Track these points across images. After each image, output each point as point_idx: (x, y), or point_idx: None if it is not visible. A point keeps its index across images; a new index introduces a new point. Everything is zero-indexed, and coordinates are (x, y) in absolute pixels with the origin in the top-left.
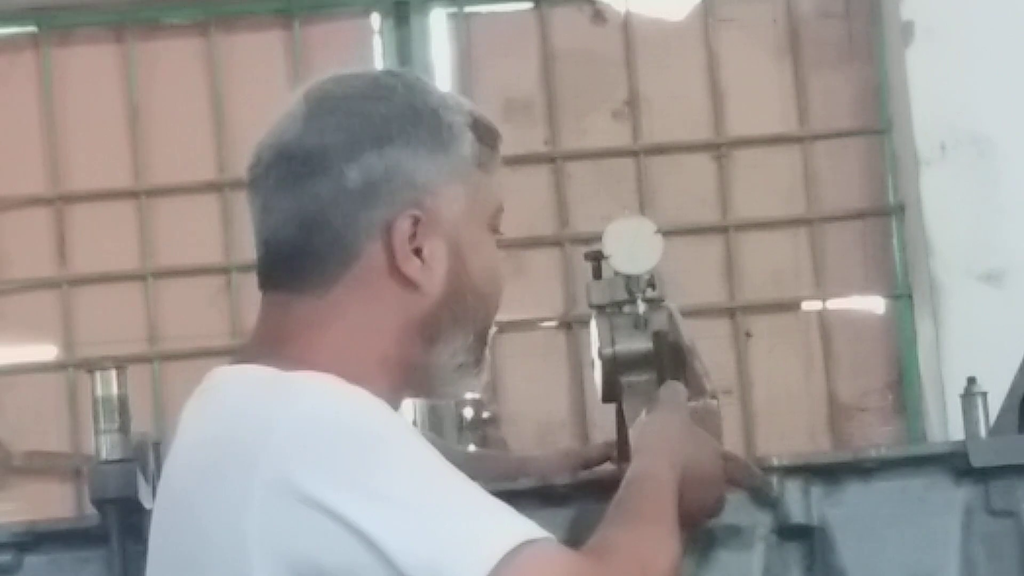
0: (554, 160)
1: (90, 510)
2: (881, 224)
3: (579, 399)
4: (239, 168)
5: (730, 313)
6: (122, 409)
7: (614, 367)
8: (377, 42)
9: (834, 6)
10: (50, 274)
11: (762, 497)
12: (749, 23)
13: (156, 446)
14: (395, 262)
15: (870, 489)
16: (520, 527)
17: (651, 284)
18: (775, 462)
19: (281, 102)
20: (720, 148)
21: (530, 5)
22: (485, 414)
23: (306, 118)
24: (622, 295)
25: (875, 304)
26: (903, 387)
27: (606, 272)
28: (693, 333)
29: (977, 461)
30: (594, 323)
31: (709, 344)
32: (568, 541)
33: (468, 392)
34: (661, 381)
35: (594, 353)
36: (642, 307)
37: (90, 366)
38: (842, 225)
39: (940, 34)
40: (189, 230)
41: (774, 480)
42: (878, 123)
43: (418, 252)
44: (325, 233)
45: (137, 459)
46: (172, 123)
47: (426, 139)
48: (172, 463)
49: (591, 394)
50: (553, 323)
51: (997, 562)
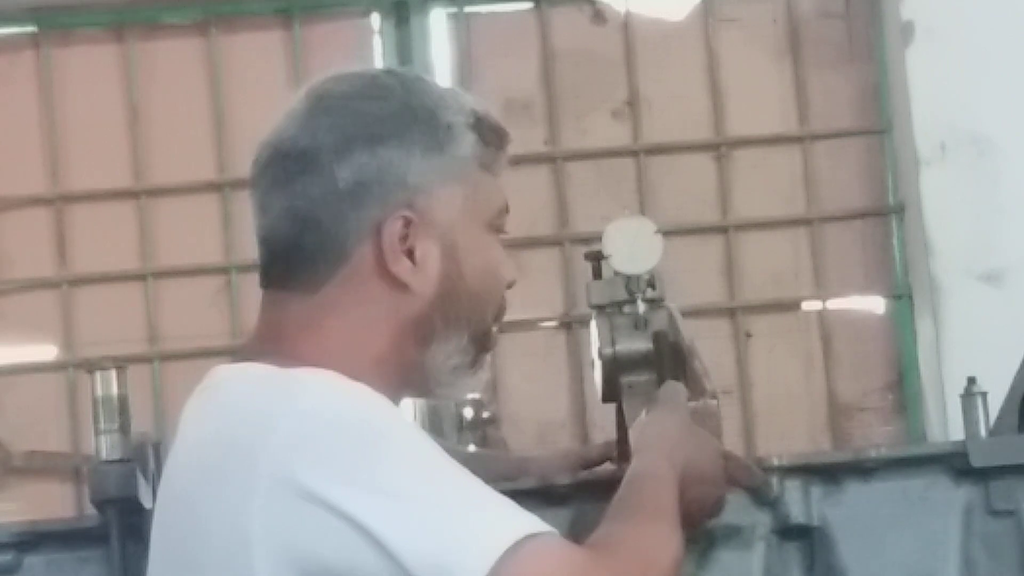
0: (554, 160)
1: (90, 510)
2: (881, 224)
3: (579, 399)
4: (239, 168)
5: (730, 313)
6: (122, 409)
7: (614, 367)
8: (377, 42)
9: (834, 6)
10: (50, 274)
11: (762, 497)
12: (749, 23)
13: (156, 446)
14: (385, 263)
15: (870, 489)
16: (523, 522)
17: (651, 284)
18: (775, 462)
19: (286, 100)
20: (720, 148)
21: (530, 5)
22: (485, 414)
23: (303, 116)
24: (622, 295)
25: (875, 304)
26: (903, 387)
27: (606, 272)
28: (693, 333)
29: (977, 461)
30: (594, 323)
31: (709, 344)
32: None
33: (468, 392)
34: (661, 381)
35: (594, 353)
36: (642, 307)
37: (90, 366)
38: (842, 225)
39: (940, 34)
40: (189, 230)
41: (774, 480)
42: (878, 123)
43: (410, 253)
44: (316, 232)
45: (137, 459)
46: (172, 123)
47: (421, 139)
48: (173, 462)
49: (591, 394)
50: (553, 323)
51: (997, 562)
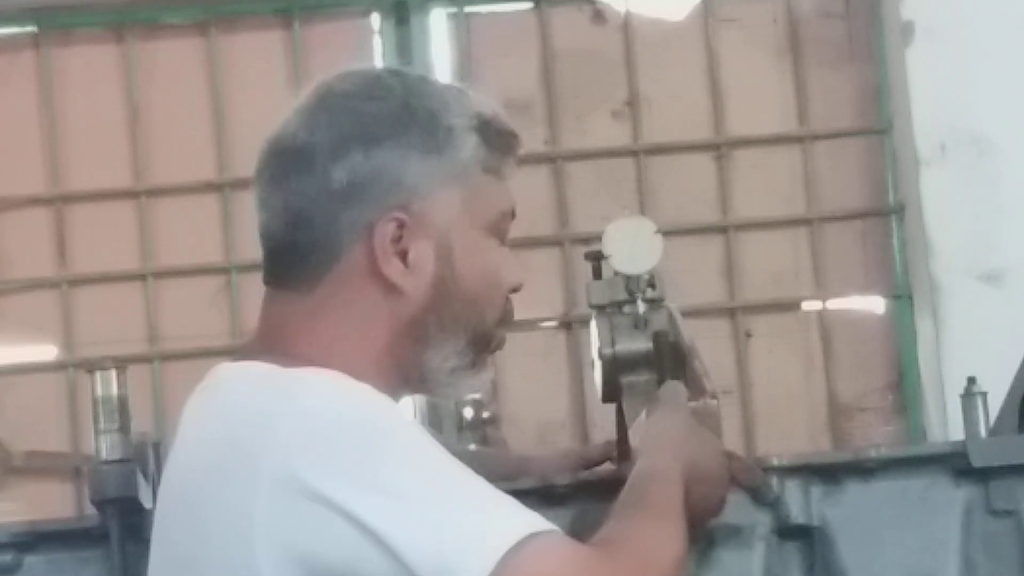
0: (554, 160)
1: (90, 510)
2: (881, 224)
3: (579, 399)
4: (239, 168)
5: (730, 313)
6: (122, 409)
7: (614, 367)
8: (377, 42)
9: (834, 6)
10: (50, 274)
11: (762, 497)
12: (749, 23)
13: (156, 446)
14: (377, 264)
15: (870, 489)
16: (526, 520)
17: (651, 284)
18: (775, 462)
19: (293, 97)
20: (720, 148)
21: (530, 5)
22: (485, 414)
23: (306, 112)
24: (622, 295)
25: (875, 304)
26: (903, 387)
27: (606, 272)
28: (693, 333)
29: (977, 461)
30: (594, 323)
31: (709, 344)
32: None
33: (470, 392)
34: (661, 381)
35: (594, 353)
36: (642, 307)
37: (90, 366)
38: (842, 225)
39: (940, 34)
40: (189, 230)
41: (774, 480)
42: (878, 123)
43: (404, 255)
44: (309, 231)
45: (137, 459)
46: (172, 123)
47: (419, 141)
48: (174, 461)
49: (591, 394)
50: (553, 323)
51: (997, 562)
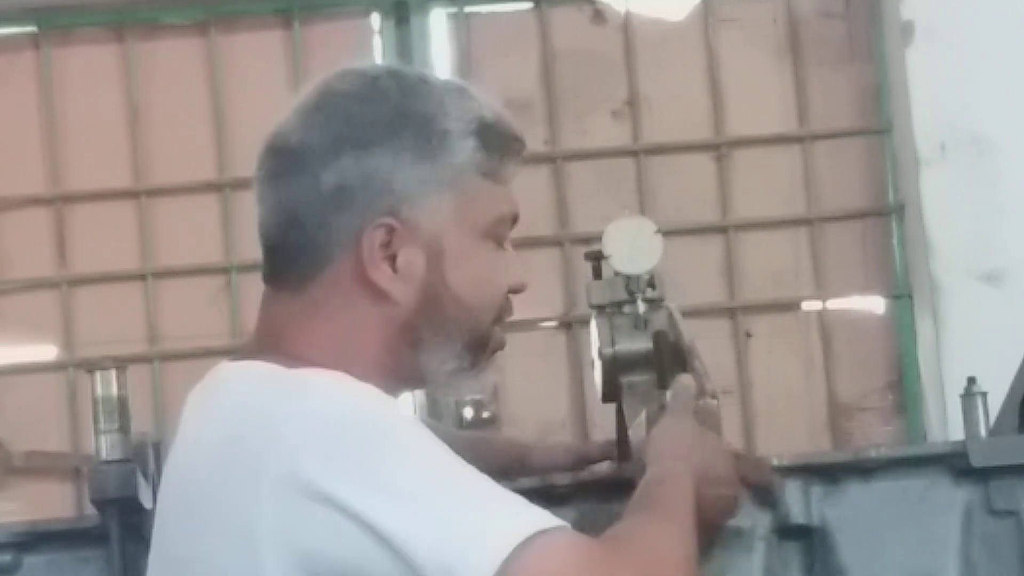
0: (554, 160)
1: (90, 510)
2: (881, 224)
3: (579, 399)
4: (239, 168)
5: (730, 313)
6: (122, 409)
7: (614, 367)
8: (377, 42)
9: (834, 6)
10: (50, 274)
11: (772, 494)
12: (749, 23)
13: (156, 446)
14: (365, 270)
15: (870, 489)
16: (532, 518)
17: (651, 284)
18: (775, 462)
19: (291, 97)
20: (720, 148)
21: (530, 5)
22: (485, 414)
23: (304, 112)
24: (622, 295)
25: (875, 304)
26: (903, 387)
27: (606, 272)
28: (693, 333)
29: (977, 461)
30: (594, 323)
31: (709, 344)
32: None
33: (472, 391)
34: (661, 381)
35: (594, 353)
36: (642, 307)
37: (90, 366)
38: (842, 225)
39: (940, 34)
40: (189, 230)
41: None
42: (878, 123)
43: (392, 261)
44: (300, 232)
45: (137, 459)
46: (172, 123)
47: (411, 146)
48: (175, 460)
49: (591, 394)
50: (553, 323)
51: (997, 562)
